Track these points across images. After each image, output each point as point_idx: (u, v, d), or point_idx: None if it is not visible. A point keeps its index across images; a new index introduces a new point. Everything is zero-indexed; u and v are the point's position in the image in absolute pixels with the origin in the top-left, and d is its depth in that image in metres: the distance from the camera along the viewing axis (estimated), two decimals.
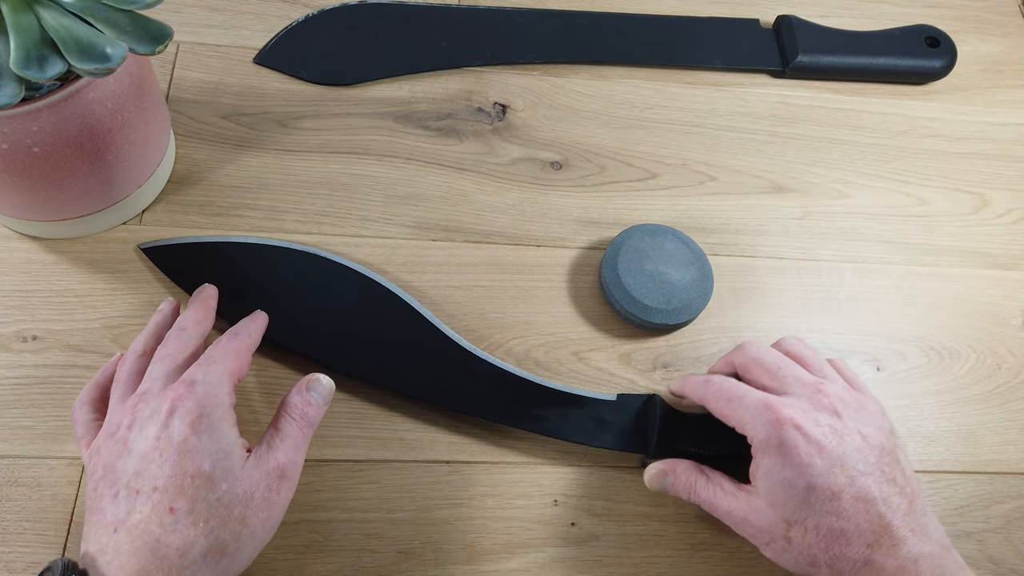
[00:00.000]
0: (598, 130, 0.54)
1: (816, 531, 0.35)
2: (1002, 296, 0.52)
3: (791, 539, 0.36)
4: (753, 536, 0.38)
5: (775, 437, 0.36)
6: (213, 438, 0.34)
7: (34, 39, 0.34)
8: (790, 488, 0.36)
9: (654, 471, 0.41)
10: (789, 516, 0.36)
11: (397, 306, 0.46)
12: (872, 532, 0.35)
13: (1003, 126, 0.59)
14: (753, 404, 0.37)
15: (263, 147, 0.51)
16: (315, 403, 0.38)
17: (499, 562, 0.41)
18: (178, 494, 0.32)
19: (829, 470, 0.35)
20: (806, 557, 0.36)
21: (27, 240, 0.46)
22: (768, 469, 0.36)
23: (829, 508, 0.35)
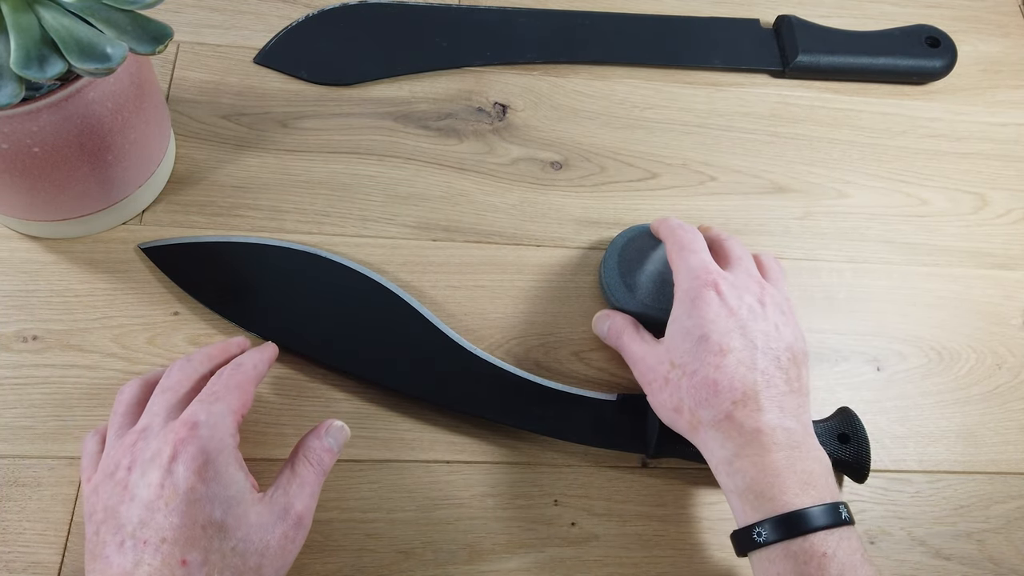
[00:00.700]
0: (598, 130, 0.54)
1: (692, 376, 0.38)
2: (1002, 296, 0.52)
3: (669, 380, 0.39)
4: (641, 375, 0.41)
5: (694, 291, 0.39)
6: (222, 484, 0.32)
7: (34, 39, 0.34)
8: (687, 335, 0.39)
9: (598, 314, 0.46)
10: (676, 359, 0.39)
11: (397, 306, 0.46)
12: (742, 392, 0.36)
13: (1003, 126, 0.59)
14: (695, 261, 0.40)
15: (263, 147, 0.51)
16: (332, 450, 0.37)
17: (499, 562, 0.41)
18: (189, 545, 0.31)
19: (729, 331, 0.38)
20: (674, 399, 0.39)
21: (27, 240, 0.46)
22: (676, 316, 0.40)
23: (712, 361, 0.37)
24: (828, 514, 0.34)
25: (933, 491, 0.46)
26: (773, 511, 0.34)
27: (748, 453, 0.36)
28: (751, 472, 0.35)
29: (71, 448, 0.41)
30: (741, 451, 0.36)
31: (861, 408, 0.46)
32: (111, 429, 0.36)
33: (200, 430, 0.33)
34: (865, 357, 0.49)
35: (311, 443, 0.37)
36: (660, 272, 0.46)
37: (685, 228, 0.43)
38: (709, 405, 0.37)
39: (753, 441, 0.36)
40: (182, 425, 0.33)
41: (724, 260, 0.43)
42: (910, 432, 0.47)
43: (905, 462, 0.46)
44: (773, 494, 0.34)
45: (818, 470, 0.36)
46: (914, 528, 0.45)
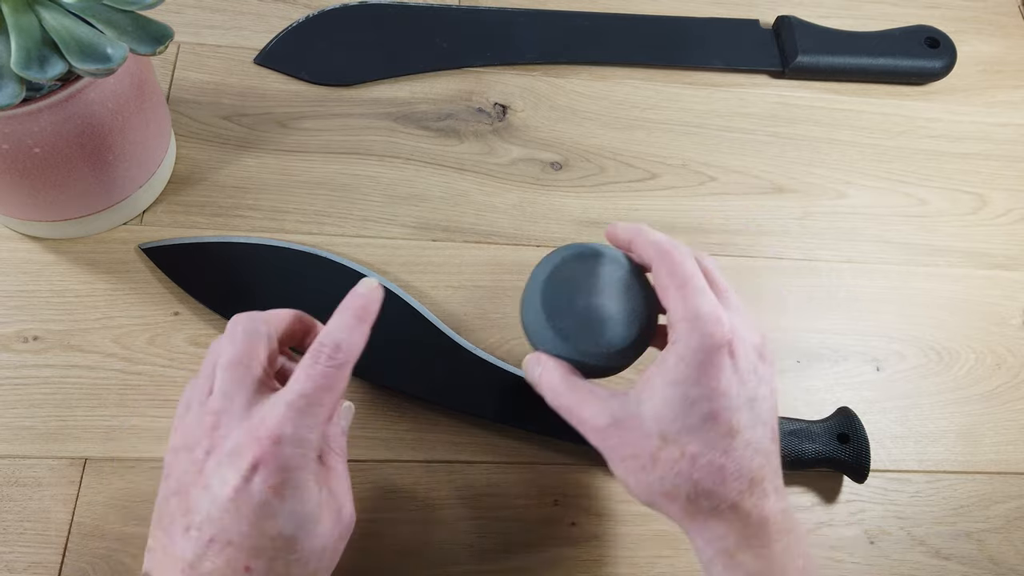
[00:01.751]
0: (598, 130, 0.54)
1: (694, 460, 0.31)
2: (1002, 296, 0.52)
3: (658, 459, 0.32)
4: (612, 448, 0.33)
5: (705, 351, 0.32)
6: (298, 501, 0.30)
7: (35, 39, 0.34)
8: (690, 407, 0.32)
9: (530, 357, 0.36)
10: (670, 434, 0.32)
11: (397, 306, 0.46)
12: (749, 480, 0.32)
13: (1003, 126, 0.59)
14: (706, 308, 0.32)
15: (264, 148, 0.51)
16: (346, 432, 0.36)
17: (499, 562, 0.41)
18: (255, 554, 0.30)
19: (739, 407, 0.32)
20: (667, 483, 0.32)
21: (28, 240, 0.46)
22: (677, 378, 0.32)
23: (720, 443, 0.31)
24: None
25: (933, 491, 0.46)
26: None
27: (753, 545, 0.32)
28: (754, 566, 0.32)
29: (71, 448, 0.41)
30: (744, 543, 0.32)
31: (861, 408, 0.46)
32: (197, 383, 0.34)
33: (284, 447, 0.30)
34: (865, 357, 0.49)
35: (329, 431, 0.34)
36: (601, 306, 0.36)
37: (682, 252, 0.34)
38: (712, 495, 0.31)
39: (760, 532, 0.32)
40: (267, 436, 0.30)
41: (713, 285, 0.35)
42: (910, 432, 0.47)
43: (905, 462, 0.46)
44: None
45: (807, 551, 0.33)
46: (914, 528, 0.45)
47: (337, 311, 0.34)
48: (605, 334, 0.35)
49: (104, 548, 0.39)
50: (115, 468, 0.41)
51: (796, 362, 0.48)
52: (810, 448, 0.43)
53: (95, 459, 0.41)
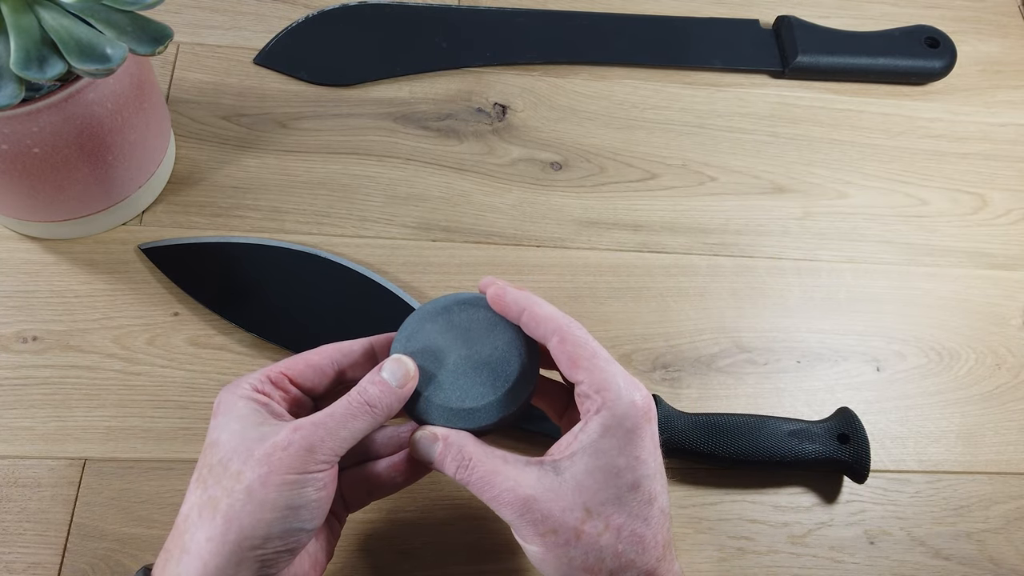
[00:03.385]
0: (598, 130, 0.54)
1: (618, 532, 0.31)
2: (1002, 296, 0.52)
3: (582, 534, 0.31)
4: (533, 522, 0.31)
5: (633, 419, 0.31)
6: (225, 415, 0.32)
7: (34, 40, 0.34)
8: (615, 477, 0.31)
9: (421, 434, 0.33)
10: (593, 506, 0.31)
11: (397, 306, 0.46)
12: (662, 546, 0.32)
13: (1003, 126, 0.59)
14: (623, 377, 0.32)
15: (263, 148, 0.51)
16: (384, 381, 0.33)
17: (499, 562, 0.41)
18: (197, 468, 0.32)
19: (654, 475, 0.32)
20: (591, 558, 0.31)
21: (27, 240, 0.46)
22: (602, 448, 0.31)
23: (640, 512, 0.31)
24: None
25: (933, 491, 0.46)
26: None
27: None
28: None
29: (71, 448, 0.41)
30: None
31: (861, 408, 0.46)
32: None
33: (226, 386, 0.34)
34: (865, 357, 0.49)
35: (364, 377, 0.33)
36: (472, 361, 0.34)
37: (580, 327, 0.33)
38: (634, 566, 0.31)
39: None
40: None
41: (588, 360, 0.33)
42: (910, 432, 0.47)
43: (905, 462, 0.46)
44: None
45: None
46: (914, 528, 0.45)
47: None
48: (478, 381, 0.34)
49: (104, 549, 0.39)
50: (115, 468, 0.41)
51: (796, 362, 0.48)
52: (810, 448, 0.43)
53: (94, 460, 0.41)
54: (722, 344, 0.48)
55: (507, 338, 0.34)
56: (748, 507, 0.44)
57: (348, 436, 0.32)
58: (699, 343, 0.48)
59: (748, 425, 0.43)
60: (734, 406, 0.47)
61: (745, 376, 0.48)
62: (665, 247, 0.51)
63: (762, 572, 0.42)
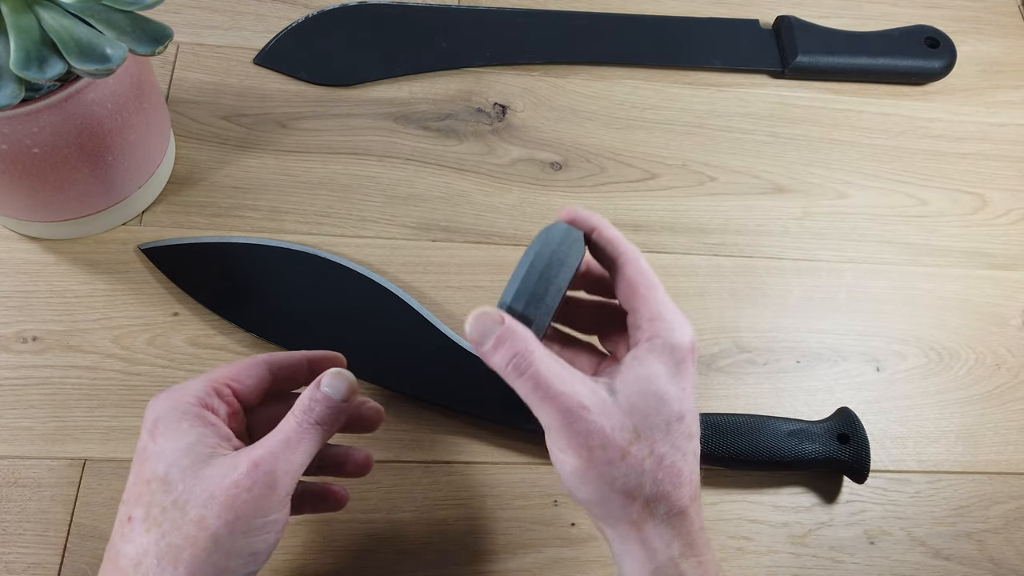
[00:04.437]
0: (598, 130, 0.54)
1: (660, 460, 0.30)
2: (1001, 296, 0.52)
3: (627, 455, 0.30)
4: (582, 432, 0.29)
5: (682, 351, 0.31)
6: (170, 440, 0.30)
7: (34, 40, 0.34)
8: (664, 404, 0.30)
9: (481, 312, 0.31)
10: (643, 430, 0.30)
11: (397, 307, 0.46)
12: (695, 486, 0.31)
13: (1003, 126, 0.59)
14: (676, 311, 0.32)
15: (263, 148, 0.51)
16: (328, 397, 0.32)
17: (499, 562, 0.41)
18: (136, 502, 0.30)
19: (695, 412, 0.32)
20: (631, 481, 0.30)
21: (27, 241, 0.46)
22: (653, 373, 0.30)
23: (682, 445, 0.31)
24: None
25: (933, 491, 0.46)
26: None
27: (695, 553, 0.31)
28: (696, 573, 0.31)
29: (71, 449, 0.41)
30: (688, 551, 0.31)
31: (861, 408, 0.46)
32: None
33: (163, 393, 0.32)
34: (865, 357, 0.49)
35: (302, 394, 0.33)
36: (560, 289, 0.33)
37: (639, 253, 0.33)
38: (667, 498, 0.30)
39: (699, 539, 0.32)
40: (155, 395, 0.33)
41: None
42: (910, 432, 0.47)
43: (905, 462, 0.46)
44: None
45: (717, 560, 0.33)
46: (914, 528, 0.45)
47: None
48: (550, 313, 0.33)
49: (104, 549, 0.39)
50: (114, 469, 0.41)
51: (796, 362, 0.48)
52: (810, 448, 0.43)
53: (94, 460, 0.41)
54: (722, 344, 0.48)
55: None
56: (748, 507, 0.44)
57: (302, 461, 0.31)
58: (699, 343, 0.48)
59: (748, 425, 0.43)
60: (734, 406, 0.47)
61: (745, 376, 0.48)
62: (665, 247, 0.51)
63: (762, 572, 0.42)
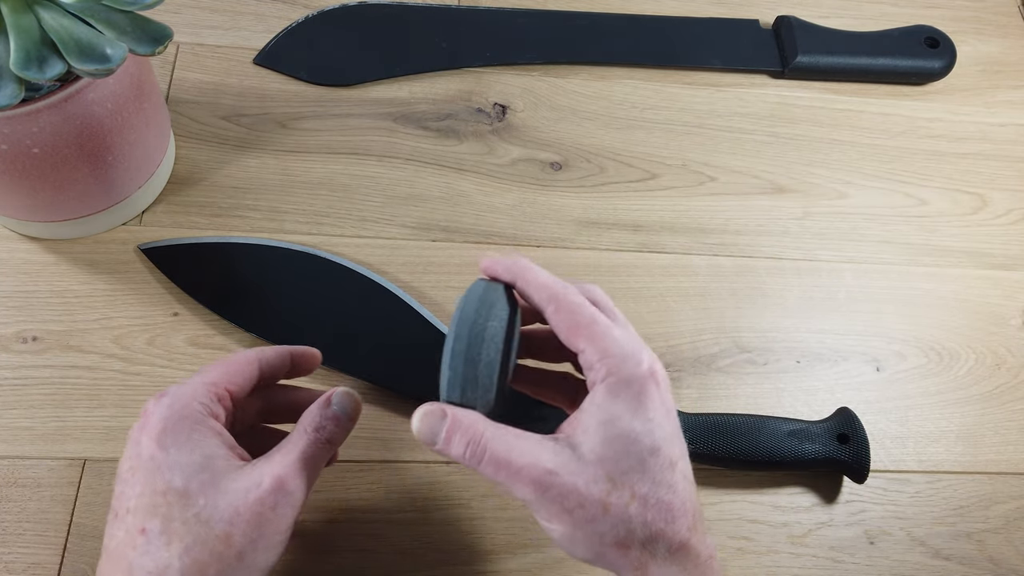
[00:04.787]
0: (598, 130, 0.54)
1: (644, 501, 0.29)
2: (1001, 296, 0.52)
3: (609, 506, 0.29)
4: (557, 498, 0.29)
5: (639, 382, 0.30)
6: (184, 450, 0.30)
7: (34, 40, 0.34)
8: (633, 443, 0.29)
9: (424, 411, 0.31)
10: (616, 476, 0.29)
11: (397, 306, 0.46)
12: (692, 514, 0.30)
13: (1003, 126, 0.59)
14: (624, 341, 0.31)
15: (263, 148, 0.51)
16: (337, 416, 0.33)
17: (499, 562, 0.41)
18: (149, 514, 0.30)
19: (672, 437, 0.30)
20: (620, 532, 0.29)
21: (27, 241, 0.46)
22: (613, 415, 0.30)
23: (664, 478, 0.30)
24: None
25: (933, 491, 0.46)
26: None
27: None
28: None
29: (71, 449, 0.41)
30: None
31: (861, 408, 0.46)
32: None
33: (165, 399, 0.32)
34: (865, 357, 0.49)
35: (311, 410, 0.34)
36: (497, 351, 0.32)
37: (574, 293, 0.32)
38: (664, 537, 0.29)
39: (707, 571, 0.30)
40: (153, 399, 0.32)
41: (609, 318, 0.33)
42: (910, 432, 0.47)
43: (905, 462, 0.46)
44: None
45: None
46: (914, 528, 0.45)
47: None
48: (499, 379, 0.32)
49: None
50: (114, 469, 0.41)
51: (796, 362, 0.48)
52: (810, 448, 0.43)
53: (94, 460, 0.41)
54: (722, 344, 0.48)
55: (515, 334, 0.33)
56: (748, 507, 0.44)
57: (314, 478, 0.32)
58: (699, 343, 0.48)
59: (748, 425, 0.43)
60: (734, 406, 0.47)
61: (745, 376, 0.48)
62: (665, 247, 0.51)
63: (762, 572, 0.42)
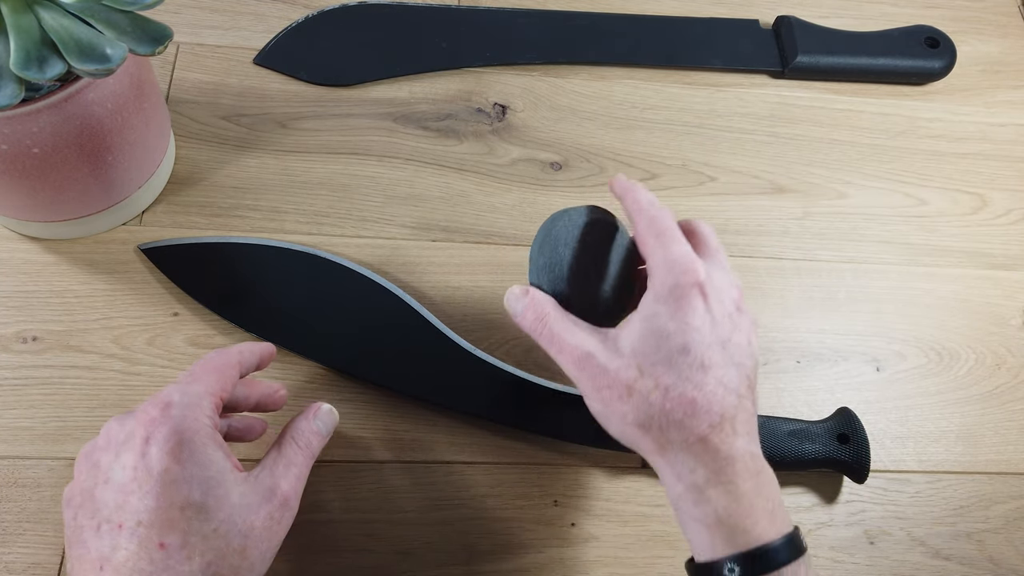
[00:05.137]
0: (598, 130, 0.54)
1: (666, 392, 0.33)
2: (1002, 296, 0.52)
3: (634, 390, 0.33)
4: (589, 377, 0.34)
5: (680, 289, 0.34)
6: (199, 465, 0.31)
7: (34, 40, 0.34)
8: (665, 340, 0.33)
9: (513, 290, 0.37)
10: (645, 366, 0.33)
11: (397, 306, 0.46)
12: (720, 415, 0.33)
13: (1002, 126, 0.59)
14: (678, 252, 0.34)
15: (263, 148, 0.51)
16: (320, 433, 0.37)
17: (499, 562, 0.41)
18: (167, 528, 0.30)
19: (711, 344, 0.33)
20: (641, 414, 0.33)
21: (27, 241, 0.46)
22: (653, 313, 0.34)
23: (692, 376, 0.33)
24: (793, 546, 0.32)
25: (933, 491, 0.46)
26: (746, 545, 0.32)
27: (721, 481, 0.32)
28: (723, 502, 0.32)
29: (71, 449, 0.41)
30: (714, 478, 0.33)
31: (861, 408, 0.46)
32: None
33: (173, 410, 0.32)
34: (865, 357, 0.49)
35: (300, 425, 0.36)
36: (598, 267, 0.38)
37: (660, 208, 0.37)
38: (683, 426, 0.33)
39: (727, 468, 0.32)
40: (153, 406, 0.32)
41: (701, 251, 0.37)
42: (910, 432, 0.47)
43: (905, 462, 0.46)
44: (746, 526, 0.32)
45: (776, 496, 0.34)
46: (914, 528, 0.45)
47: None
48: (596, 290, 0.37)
49: None
50: None
51: (796, 362, 0.48)
52: (810, 448, 0.43)
53: None
54: None
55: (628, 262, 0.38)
56: None
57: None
58: None
59: None
60: None
61: None
62: None
63: None
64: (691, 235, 0.38)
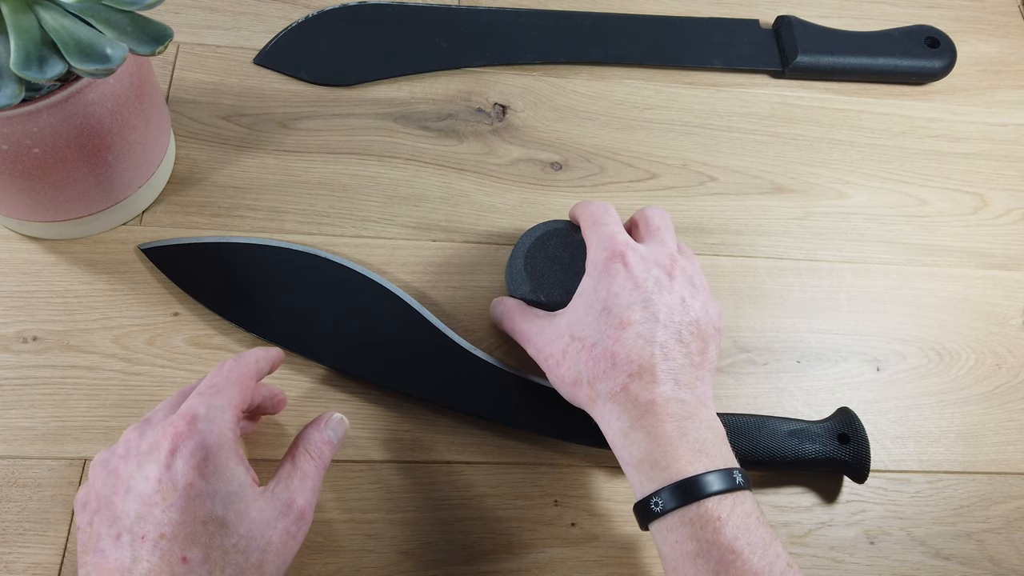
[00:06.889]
0: (598, 131, 0.54)
1: (591, 350, 0.37)
2: (1002, 296, 0.52)
3: (567, 353, 0.38)
4: (538, 351, 0.40)
5: (602, 262, 0.39)
6: (222, 480, 0.31)
7: (34, 40, 0.34)
8: (590, 307, 0.38)
9: (493, 301, 0.45)
10: (576, 332, 0.39)
11: (397, 306, 0.46)
12: (638, 365, 0.36)
13: (1003, 126, 0.59)
14: (605, 233, 0.40)
15: (263, 148, 0.51)
16: (332, 442, 0.37)
17: (499, 562, 0.41)
18: (190, 542, 0.30)
19: (631, 304, 0.38)
20: (573, 372, 0.38)
21: (27, 241, 0.46)
22: (583, 289, 0.40)
23: (612, 334, 0.37)
24: (721, 479, 0.34)
25: (933, 491, 0.46)
26: (668, 479, 0.34)
27: (642, 424, 0.35)
28: (644, 443, 0.35)
29: (71, 449, 0.41)
30: (636, 423, 0.36)
31: (861, 408, 0.46)
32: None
33: (199, 424, 0.32)
34: (865, 357, 0.49)
35: (312, 435, 0.37)
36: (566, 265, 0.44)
37: (598, 203, 0.43)
38: (606, 378, 0.37)
39: (647, 412, 0.35)
40: (180, 418, 0.32)
41: (643, 231, 0.42)
42: (910, 432, 0.47)
43: (905, 462, 0.46)
44: (667, 463, 0.34)
45: (711, 438, 0.36)
46: (914, 528, 0.45)
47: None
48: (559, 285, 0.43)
49: None
50: None
51: (796, 362, 0.48)
52: (810, 448, 0.43)
53: None
54: (722, 344, 0.48)
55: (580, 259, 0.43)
56: None
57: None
58: None
59: (748, 425, 0.43)
60: (734, 406, 0.47)
61: (745, 376, 0.48)
62: None
63: None
64: (637, 221, 0.43)
